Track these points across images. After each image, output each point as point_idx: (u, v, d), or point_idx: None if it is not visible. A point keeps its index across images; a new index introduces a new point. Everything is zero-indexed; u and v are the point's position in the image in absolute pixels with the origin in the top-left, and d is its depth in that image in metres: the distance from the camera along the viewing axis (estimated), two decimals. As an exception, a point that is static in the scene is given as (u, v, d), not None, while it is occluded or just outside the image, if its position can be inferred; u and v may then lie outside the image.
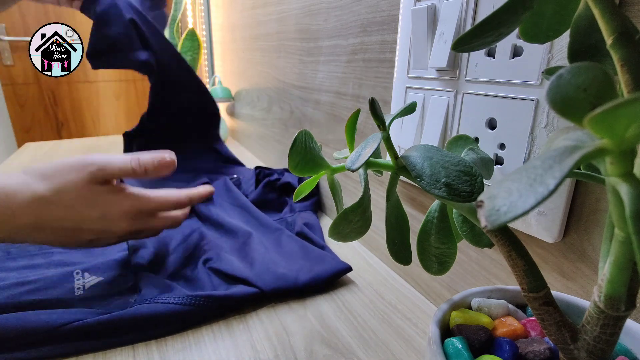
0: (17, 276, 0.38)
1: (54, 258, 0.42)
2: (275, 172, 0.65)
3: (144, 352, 0.31)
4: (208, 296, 0.34)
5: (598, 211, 0.23)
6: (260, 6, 0.73)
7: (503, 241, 0.16)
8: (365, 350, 0.31)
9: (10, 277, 0.38)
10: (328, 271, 0.39)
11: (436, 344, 0.17)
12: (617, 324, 0.14)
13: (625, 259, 0.13)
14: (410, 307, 0.36)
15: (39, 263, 0.41)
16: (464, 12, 0.28)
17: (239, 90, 0.97)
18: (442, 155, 0.19)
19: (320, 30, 0.51)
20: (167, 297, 0.33)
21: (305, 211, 0.54)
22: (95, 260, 0.42)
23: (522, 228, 0.26)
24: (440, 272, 0.22)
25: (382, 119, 0.20)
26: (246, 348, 0.31)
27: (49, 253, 0.43)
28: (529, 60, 0.24)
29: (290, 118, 0.66)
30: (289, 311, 0.36)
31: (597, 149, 0.10)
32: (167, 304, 0.33)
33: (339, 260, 0.41)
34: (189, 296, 0.34)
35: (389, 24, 0.38)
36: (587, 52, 0.15)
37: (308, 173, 0.22)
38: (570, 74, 0.11)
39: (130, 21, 0.55)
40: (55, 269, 0.40)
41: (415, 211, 0.37)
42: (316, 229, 0.49)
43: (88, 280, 0.38)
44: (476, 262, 0.32)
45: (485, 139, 0.28)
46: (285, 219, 0.53)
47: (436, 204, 0.22)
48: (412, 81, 0.34)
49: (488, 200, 0.10)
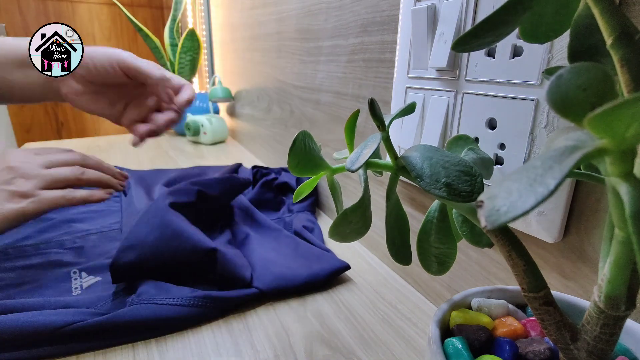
0: (14, 276, 0.38)
1: (51, 258, 0.42)
2: (272, 172, 0.65)
3: (144, 352, 0.31)
4: (206, 296, 0.34)
5: (598, 211, 0.23)
6: (260, 6, 0.73)
7: (503, 241, 0.16)
8: (365, 350, 0.31)
9: (6, 277, 0.38)
10: (326, 270, 0.39)
11: (436, 344, 0.17)
12: (617, 324, 0.14)
13: (625, 259, 0.13)
14: (410, 307, 0.36)
15: (35, 263, 0.41)
16: (464, 12, 0.28)
17: (239, 90, 0.97)
18: (442, 155, 0.19)
19: (320, 30, 0.51)
20: (165, 298, 0.33)
21: (303, 212, 0.54)
22: (93, 260, 0.42)
23: (522, 228, 0.26)
24: (440, 272, 0.22)
25: (382, 120, 0.20)
26: (246, 348, 0.31)
27: (46, 253, 0.43)
28: (529, 60, 0.24)
29: (290, 118, 0.66)
30: (289, 311, 0.36)
31: (597, 149, 0.10)
32: (165, 305, 0.33)
33: (337, 258, 0.41)
34: (188, 297, 0.34)
35: (389, 24, 0.38)
36: (587, 52, 0.15)
37: (308, 173, 0.22)
38: (570, 74, 0.11)
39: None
40: (53, 269, 0.40)
41: (415, 211, 0.37)
42: (315, 229, 0.49)
43: (86, 280, 0.38)
44: (476, 262, 0.32)
45: (485, 139, 0.28)
46: (283, 219, 0.53)
47: (436, 204, 0.22)
48: (412, 81, 0.34)
49: (488, 200, 0.10)
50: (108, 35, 2.00)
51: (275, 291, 0.37)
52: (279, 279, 0.37)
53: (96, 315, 0.31)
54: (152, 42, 1.02)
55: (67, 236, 0.47)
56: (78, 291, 0.36)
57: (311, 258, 0.41)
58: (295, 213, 0.53)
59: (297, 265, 0.40)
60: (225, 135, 1.02)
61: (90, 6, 1.91)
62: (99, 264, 0.41)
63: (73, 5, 1.87)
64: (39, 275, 0.38)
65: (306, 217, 0.52)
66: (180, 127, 1.07)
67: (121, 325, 0.31)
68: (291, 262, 0.40)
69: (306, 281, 0.38)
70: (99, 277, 0.39)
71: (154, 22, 2.10)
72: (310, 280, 0.38)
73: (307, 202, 0.56)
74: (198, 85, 1.35)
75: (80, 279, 0.38)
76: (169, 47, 1.06)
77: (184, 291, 0.35)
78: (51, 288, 0.36)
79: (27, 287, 0.36)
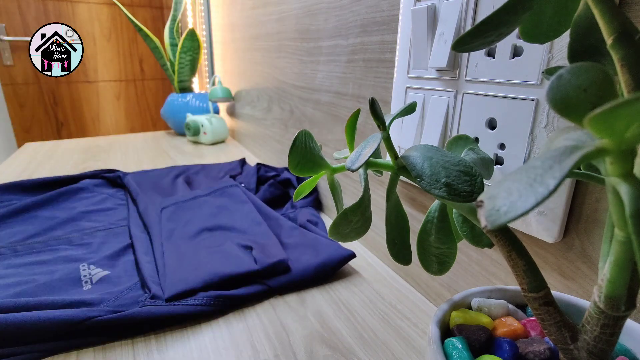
0: (25, 272, 0.39)
1: (60, 254, 0.43)
2: (275, 170, 0.67)
3: (144, 352, 0.31)
4: (220, 296, 0.35)
5: (598, 211, 0.23)
6: (260, 6, 0.73)
7: (503, 241, 0.16)
8: (365, 350, 0.31)
9: (18, 273, 0.38)
10: (333, 258, 0.40)
11: (436, 344, 0.17)
12: (617, 324, 0.14)
13: (626, 259, 0.13)
14: (410, 307, 0.36)
15: (45, 259, 0.41)
16: (464, 12, 0.28)
17: (239, 90, 0.97)
18: (442, 155, 0.19)
19: (320, 30, 0.51)
20: (179, 301, 0.34)
21: (306, 207, 0.55)
22: (101, 254, 0.43)
23: (522, 228, 0.26)
24: (440, 272, 0.22)
25: (382, 119, 0.20)
26: (246, 348, 0.31)
27: (55, 249, 0.43)
28: (529, 60, 0.24)
29: (290, 118, 0.66)
30: (289, 311, 0.36)
31: (597, 149, 0.10)
32: (181, 306, 0.33)
33: (343, 248, 0.42)
34: (205, 297, 0.34)
35: (389, 24, 0.38)
36: (587, 52, 0.15)
37: (308, 173, 0.22)
38: (570, 74, 0.11)
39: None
40: (62, 264, 0.40)
41: (415, 211, 0.37)
42: (319, 223, 0.50)
43: (95, 274, 0.38)
44: (476, 262, 0.32)
45: (485, 139, 0.28)
46: (288, 215, 0.53)
47: (436, 204, 0.22)
48: (412, 81, 0.34)
49: (488, 200, 0.10)
50: (108, 35, 2.00)
51: (285, 286, 0.38)
52: (288, 276, 0.38)
53: (110, 313, 0.31)
54: (152, 42, 1.02)
55: (75, 233, 0.48)
56: (89, 285, 0.37)
57: (319, 247, 0.42)
58: (299, 209, 0.54)
59: (305, 257, 0.41)
60: (225, 135, 1.02)
61: (90, 6, 1.91)
62: (108, 257, 0.42)
63: (73, 5, 1.87)
64: (49, 271, 0.39)
65: (310, 212, 0.53)
66: (180, 127, 1.07)
67: (133, 323, 0.32)
68: (299, 254, 0.41)
69: (315, 272, 0.39)
70: (108, 270, 0.39)
71: (154, 22, 2.11)
72: (318, 270, 0.39)
73: (309, 198, 0.57)
74: (198, 85, 1.35)
75: (90, 273, 0.39)
76: (169, 47, 1.06)
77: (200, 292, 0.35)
78: (62, 283, 0.37)
79: (38, 283, 0.36)
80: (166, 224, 0.48)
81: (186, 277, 0.36)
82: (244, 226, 0.48)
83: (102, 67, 2.02)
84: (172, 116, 1.07)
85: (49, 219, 0.51)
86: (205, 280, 0.36)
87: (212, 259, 0.40)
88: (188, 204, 0.54)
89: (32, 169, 0.76)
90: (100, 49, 1.99)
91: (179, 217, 0.50)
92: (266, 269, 0.38)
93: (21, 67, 1.82)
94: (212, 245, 0.43)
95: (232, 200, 0.55)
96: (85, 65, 1.97)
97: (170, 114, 1.07)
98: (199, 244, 0.43)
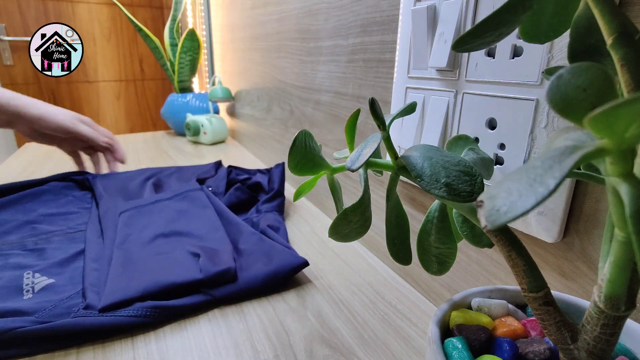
0: None
1: (10, 260, 0.41)
2: (247, 173, 0.65)
3: (144, 352, 0.31)
4: (156, 306, 0.33)
5: (598, 211, 0.23)
6: (260, 6, 0.73)
7: (503, 241, 0.16)
8: (365, 350, 0.31)
9: None
10: (285, 266, 0.39)
11: (436, 344, 0.17)
12: (617, 324, 0.14)
13: (625, 259, 0.13)
14: (410, 307, 0.36)
15: None
16: (464, 12, 0.28)
17: (239, 90, 0.97)
18: (442, 155, 0.19)
19: (320, 30, 0.51)
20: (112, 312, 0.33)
21: (271, 212, 0.53)
22: (51, 260, 0.41)
23: (522, 228, 0.26)
24: (440, 272, 0.22)
25: (382, 119, 0.20)
26: (246, 348, 0.31)
27: (7, 255, 0.42)
28: (529, 60, 0.24)
29: (290, 118, 0.66)
30: (289, 311, 0.36)
31: (597, 149, 0.10)
32: (113, 317, 0.32)
33: (296, 255, 0.40)
34: (141, 307, 0.33)
35: (389, 24, 0.38)
36: (587, 52, 0.15)
37: (308, 173, 0.22)
38: (570, 74, 0.11)
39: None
40: (10, 271, 0.39)
41: (415, 211, 0.37)
42: (280, 229, 0.49)
43: (38, 282, 0.37)
44: (476, 262, 0.32)
45: (485, 139, 0.28)
46: (251, 220, 0.52)
47: (436, 204, 0.22)
48: (412, 81, 0.34)
49: (488, 200, 0.10)
50: (108, 35, 2.00)
51: (231, 296, 0.37)
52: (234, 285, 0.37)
53: (37, 324, 0.30)
54: (152, 42, 1.02)
55: (30, 238, 0.46)
56: (30, 294, 0.35)
57: (272, 254, 0.41)
58: (263, 213, 0.53)
59: (258, 265, 0.39)
60: (225, 135, 1.02)
61: (90, 6, 1.91)
62: (56, 265, 0.40)
63: (73, 5, 1.87)
64: None
65: (273, 217, 0.51)
66: (180, 127, 1.07)
67: (61, 333, 0.31)
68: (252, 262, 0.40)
69: (264, 281, 0.38)
70: (53, 278, 0.38)
71: (154, 22, 2.11)
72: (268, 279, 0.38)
73: (274, 202, 0.55)
74: (198, 85, 1.35)
75: (33, 281, 0.37)
76: (169, 47, 1.06)
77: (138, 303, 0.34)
78: (3, 289, 0.35)
79: None
80: (122, 228, 0.46)
81: (125, 286, 0.35)
82: (201, 232, 0.46)
83: (102, 67, 2.02)
84: (172, 116, 1.07)
85: (8, 221, 0.49)
86: (145, 289, 0.34)
87: (157, 266, 0.38)
88: (148, 208, 0.52)
89: (32, 169, 0.76)
90: (100, 49, 1.99)
91: (137, 221, 0.48)
92: (211, 278, 0.36)
93: (21, 67, 1.82)
94: (162, 252, 0.42)
95: (193, 205, 0.53)
96: (85, 65, 1.97)
97: (170, 114, 1.07)
98: (151, 251, 0.42)
